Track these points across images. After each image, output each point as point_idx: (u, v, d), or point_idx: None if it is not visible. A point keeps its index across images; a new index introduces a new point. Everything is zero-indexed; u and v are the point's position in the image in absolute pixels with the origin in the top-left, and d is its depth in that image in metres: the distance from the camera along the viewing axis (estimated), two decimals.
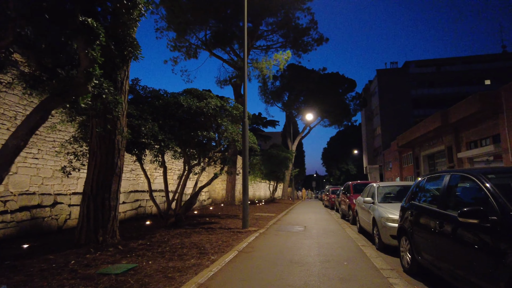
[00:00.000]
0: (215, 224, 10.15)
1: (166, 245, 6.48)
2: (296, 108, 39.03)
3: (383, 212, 6.30)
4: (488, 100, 18.26)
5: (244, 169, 9.24)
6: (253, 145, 11.97)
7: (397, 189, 7.60)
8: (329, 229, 9.60)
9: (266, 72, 15.38)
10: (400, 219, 4.98)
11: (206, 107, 8.20)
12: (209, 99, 8.61)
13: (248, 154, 9.31)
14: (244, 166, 9.25)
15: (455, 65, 48.67)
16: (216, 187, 24.03)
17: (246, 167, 9.23)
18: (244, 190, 9.20)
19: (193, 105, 8.11)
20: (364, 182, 13.53)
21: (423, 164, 30.76)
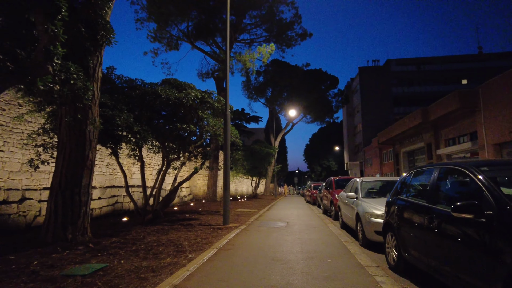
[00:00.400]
0: (194, 221, 9.81)
1: (141, 242, 6.11)
2: (279, 104, 38.92)
3: (367, 208, 6.16)
4: (466, 98, 18.63)
5: (226, 164, 8.94)
6: (235, 140, 11.66)
7: (380, 184, 7.50)
8: (311, 224, 9.45)
9: (249, 65, 15.04)
10: (386, 215, 4.82)
11: (185, 98, 7.82)
12: (189, 90, 8.22)
13: (229, 149, 9.01)
14: (226, 161, 8.94)
15: (434, 64, 49.82)
16: (197, 183, 23.61)
17: (228, 162, 8.93)
18: (225, 186, 8.91)
19: (172, 95, 7.71)
20: (346, 177, 13.50)
21: (403, 160, 31.30)
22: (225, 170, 8.91)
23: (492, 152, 17.16)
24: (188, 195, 22.49)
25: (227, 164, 8.91)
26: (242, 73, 18.07)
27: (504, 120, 16.20)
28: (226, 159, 8.93)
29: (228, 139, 8.90)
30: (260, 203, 20.98)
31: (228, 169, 8.89)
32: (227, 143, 8.89)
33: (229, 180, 8.90)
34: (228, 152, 8.90)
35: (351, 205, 7.27)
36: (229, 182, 8.96)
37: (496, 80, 17.13)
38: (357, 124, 52.70)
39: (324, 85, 37.62)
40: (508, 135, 15.86)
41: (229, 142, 8.99)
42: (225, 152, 8.91)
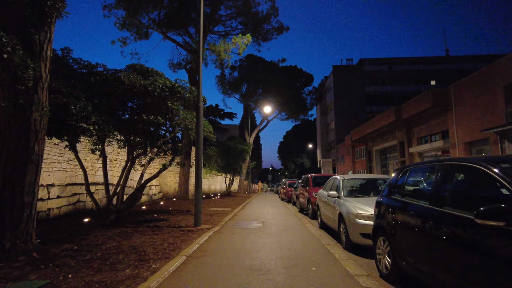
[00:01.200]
0: (163, 222, 9.00)
1: (99, 249, 5.29)
2: (254, 101, 38.34)
3: (352, 208, 5.68)
4: (439, 97, 18.91)
5: (198, 160, 8.21)
6: (208, 134, 10.92)
7: (363, 182, 7.07)
8: (288, 224, 8.94)
9: (224, 56, 14.28)
10: (376, 217, 4.34)
11: (152, 86, 6.99)
12: (157, 77, 7.40)
13: (202, 144, 8.28)
14: (198, 157, 8.21)
15: (405, 64, 51.14)
16: (168, 180, 22.58)
17: (200, 158, 8.21)
18: (197, 184, 8.18)
19: (137, 82, 6.87)
20: (324, 174, 13.11)
21: (375, 158, 31.75)
22: (197, 167, 8.18)
23: (463, 151, 17.49)
24: (158, 193, 21.44)
25: (199, 161, 8.19)
26: (216, 65, 17.27)
27: (474, 120, 16.52)
28: (198, 155, 8.20)
29: (200, 133, 8.17)
30: (234, 201, 20.33)
31: (201, 166, 8.17)
32: (200, 138, 8.16)
33: (201, 177, 8.19)
34: (201, 147, 8.18)
35: (332, 204, 6.79)
36: (202, 179, 8.24)
37: (466, 80, 17.45)
38: (330, 122, 53.22)
39: (299, 82, 37.47)
40: (478, 134, 16.17)
41: (202, 137, 8.26)
42: (197, 148, 8.18)
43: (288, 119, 40.93)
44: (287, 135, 76.10)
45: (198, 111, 8.21)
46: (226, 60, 15.42)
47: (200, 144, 8.17)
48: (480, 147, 16.57)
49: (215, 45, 13.84)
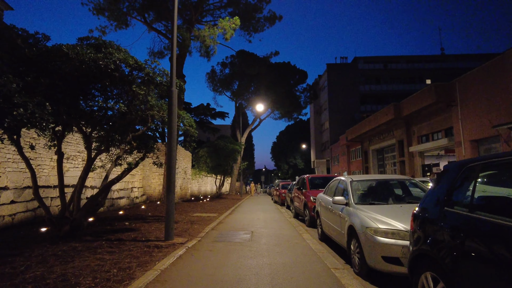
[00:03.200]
0: (130, 233, 7.41)
1: (11, 283, 3.70)
2: (246, 99, 36.84)
3: (368, 220, 4.18)
4: (443, 92, 17.60)
5: (170, 158, 6.64)
6: (189, 129, 9.35)
7: (376, 184, 5.57)
8: (282, 235, 7.41)
9: (210, 42, 12.72)
10: (416, 239, 2.83)
11: (104, 60, 5.41)
12: (113, 51, 5.81)
13: (175, 139, 6.71)
14: (170, 155, 6.64)
15: (400, 63, 50.15)
16: (152, 182, 20.92)
17: (173, 156, 6.64)
18: (168, 187, 6.61)
19: (86, 56, 5.28)
20: (323, 175, 11.61)
21: (372, 158, 30.45)
22: (169, 167, 6.61)
23: (469, 149, 16.18)
24: (141, 196, 19.77)
25: (172, 160, 6.62)
26: (201, 53, 15.69)
27: (482, 116, 15.22)
28: (170, 153, 6.63)
29: (173, 124, 6.61)
30: (223, 204, 18.75)
31: (173, 166, 6.61)
32: (172, 131, 6.60)
33: (174, 179, 6.62)
34: (174, 142, 6.61)
35: (338, 213, 5.28)
36: (174, 182, 6.67)
37: (473, 73, 16.16)
38: (324, 122, 51.97)
39: (293, 79, 36.07)
40: (487, 131, 14.87)
41: (175, 128, 6.69)
42: (168, 143, 6.61)
43: (281, 118, 39.51)
44: (281, 135, 74.73)
45: (171, 97, 6.65)
46: (212, 47, 13.85)
47: (173, 139, 6.60)
48: (489, 145, 15.27)
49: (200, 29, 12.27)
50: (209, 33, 12.20)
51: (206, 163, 26.92)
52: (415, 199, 5.03)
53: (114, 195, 15.71)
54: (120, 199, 16.21)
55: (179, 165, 22.86)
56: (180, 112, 9.34)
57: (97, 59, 5.33)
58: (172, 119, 6.62)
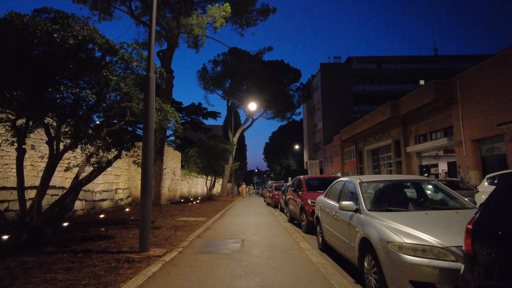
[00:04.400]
0: (102, 242, 6.39)
1: None
2: (239, 97, 35.87)
3: (389, 232, 3.28)
4: (442, 89, 16.93)
5: (146, 155, 5.65)
6: (174, 124, 8.39)
7: (393, 187, 4.68)
8: (277, 245, 6.49)
9: (198, 32, 11.74)
10: (482, 270, 1.93)
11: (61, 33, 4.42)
12: (72, 22, 4.81)
13: (152, 133, 5.73)
14: (146, 149, 5.65)
15: (393, 63, 49.80)
16: (138, 183, 19.79)
17: (149, 152, 5.66)
18: (143, 188, 5.62)
19: (37, 27, 4.28)
20: (321, 176, 10.71)
21: (366, 159, 29.77)
22: (144, 165, 5.63)
23: (471, 149, 15.50)
24: (126, 198, 18.67)
25: (148, 155, 5.64)
26: (189, 43, 14.66)
27: (484, 114, 14.55)
28: (145, 148, 5.65)
29: (149, 115, 5.63)
30: (213, 206, 17.76)
31: (149, 164, 5.63)
32: (149, 124, 5.62)
33: (150, 180, 5.64)
34: (149, 136, 5.63)
35: (346, 221, 4.38)
36: (151, 183, 5.68)
37: (474, 70, 15.50)
38: (317, 122, 51.32)
39: (286, 78, 35.24)
40: (490, 130, 14.19)
41: (152, 119, 5.71)
42: (144, 137, 5.63)
43: (274, 118, 38.67)
44: (273, 136, 73.92)
45: (148, 84, 5.66)
46: (200, 37, 12.87)
47: (149, 132, 5.62)
48: (492, 145, 14.60)
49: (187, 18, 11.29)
50: (197, 21, 11.23)
51: (196, 164, 25.87)
52: (441, 205, 4.16)
53: (95, 197, 14.62)
54: (102, 201, 15.12)
55: (167, 165, 21.80)
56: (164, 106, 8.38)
57: (53, 31, 4.33)
58: (148, 110, 5.64)
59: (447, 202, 4.26)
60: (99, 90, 5.79)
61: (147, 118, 5.62)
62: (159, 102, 8.31)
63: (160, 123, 8.36)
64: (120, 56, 5.93)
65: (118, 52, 5.83)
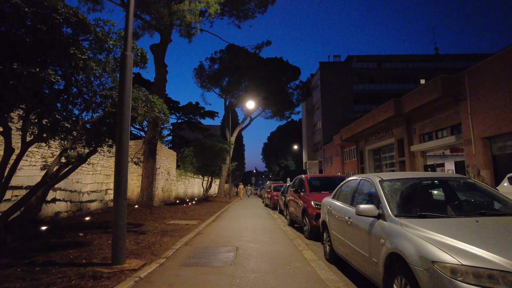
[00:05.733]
0: (74, 250, 5.46)
1: None
2: (236, 96, 34.96)
3: (433, 247, 2.37)
4: (450, 85, 16.08)
5: (120, 145, 4.72)
6: (158, 115, 7.47)
7: (423, 187, 3.76)
8: (277, 254, 5.59)
9: (190, 19, 10.80)
10: None
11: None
12: None
13: (128, 123, 4.80)
14: (120, 141, 4.72)
15: (394, 62, 49.04)
16: (130, 184, 18.89)
17: (124, 147, 4.73)
18: (117, 188, 4.70)
19: None
20: (326, 175, 9.79)
21: (368, 159, 28.90)
22: (118, 161, 4.70)
23: (481, 147, 14.64)
24: None
25: (123, 152, 4.71)
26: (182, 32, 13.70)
27: (496, 110, 13.69)
28: (120, 139, 4.71)
29: (125, 100, 4.70)
30: (208, 208, 16.86)
31: (124, 161, 4.70)
32: (124, 111, 4.70)
33: (125, 178, 4.72)
34: (125, 125, 4.70)
35: (365, 228, 3.47)
36: (126, 182, 4.76)
37: (484, 64, 14.65)
38: (317, 122, 50.48)
39: (285, 76, 34.34)
40: (502, 127, 13.33)
41: (129, 107, 4.78)
42: (119, 125, 4.70)
43: (273, 117, 37.78)
44: (272, 136, 73.06)
45: (124, 65, 4.74)
46: (194, 25, 11.95)
47: (125, 120, 4.70)
48: (505, 143, 13.74)
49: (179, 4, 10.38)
50: (190, 7, 10.33)
51: (192, 163, 24.94)
52: (489, 209, 3.27)
53: (83, 198, 13.69)
54: (90, 203, 14.18)
55: (161, 165, 20.87)
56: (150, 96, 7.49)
57: None
58: (124, 94, 4.72)
59: (494, 205, 3.37)
60: (69, 73, 4.87)
61: (122, 103, 4.70)
62: (146, 92, 7.43)
63: (145, 115, 7.46)
64: (93, 33, 5.02)
65: (90, 28, 4.92)
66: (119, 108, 4.75)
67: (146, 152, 16.63)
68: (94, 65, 4.86)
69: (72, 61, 4.75)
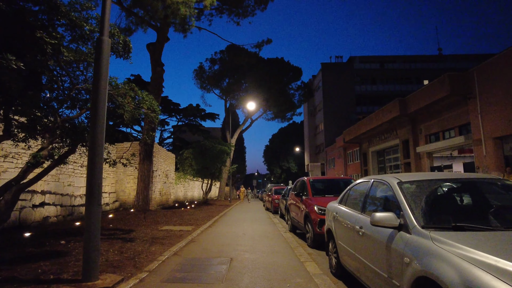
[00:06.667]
0: (43, 263, 4.83)
1: None
2: (237, 97, 34.40)
3: (486, 277, 1.71)
4: (458, 82, 15.39)
5: (94, 144, 4.07)
6: (148, 113, 6.85)
7: (453, 190, 3.10)
8: (275, 266, 4.93)
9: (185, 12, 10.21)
10: None
11: None
12: None
13: (104, 110, 4.15)
14: (94, 139, 4.07)
15: (397, 63, 48.37)
16: (126, 187, 18.32)
17: (98, 142, 4.09)
18: (89, 193, 4.05)
19: None
20: (330, 178, 9.11)
21: (371, 161, 28.17)
22: (92, 162, 4.06)
23: (492, 147, 13.93)
24: (112, 202, 17.17)
25: (96, 147, 4.06)
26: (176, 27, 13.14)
27: (508, 108, 13.01)
28: (93, 137, 4.07)
29: (100, 89, 4.06)
30: (207, 212, 16.21)
31: (99, 162, 4.06)
32: (98, 97, 4.06)
33: (98, 182, 4.07)
34: (99, 118, 4.06)
35: (383, 243, 2.81)
36: (100, 185, 4.11)
37: (496, 59, 13.95)
38: (319, 124, 49.78)
39: (286, 76, 33.73)
40: None
41: (105, 102, 4.13)
42: (92, 121, 4.06)
43: (274, 118, 37.21)
44: (273, 138, 72.40)
45: (100, 48, 4.11)
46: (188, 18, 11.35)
47: (99, 112, 4.06)
48: None
49: None
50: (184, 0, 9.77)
51: (191, 166, 24.32)
52: None
53: (75, 201, 13.11)
54: (83, 207, 13.58)
55: (159, 168, 20.26)
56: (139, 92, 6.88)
57: None
58: (99, 85, 4.08)
59: None
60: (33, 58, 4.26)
61: (97, 94, 4.06)
62: (133, 87, 6.81)
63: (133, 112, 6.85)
64: (66, 16, 4.41)
65: (61, 9, 4.30)
66: (92, 100, 4.12)
67: (141, 153, 16.03)
68: (65, 52, 4.24)
69: (40, 46, 4.14)
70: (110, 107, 6.76)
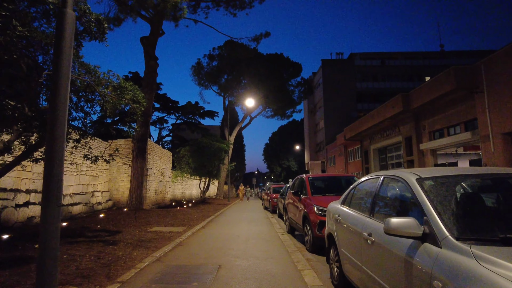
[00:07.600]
0: (6, 272, 4.21)
1: None
2: (236, 94, 33.73)
3: None
4: (464, 76, 14.74)
5: (52, 136, 3.43)
6: (131, 104, 6.21)
7: (488, 188, 2.47)
8: (269, 276, 4.31)
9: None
10: None
11: None
12: None
13: (67, 96, 3.51)
14: (52, 129, 3.43)
15: (398, 59, 47.67)
16: (120, 185, 17.70)
17: (58, 133, 3.44)
18: (46, 192, 3.41)
19: None
20: (331, 175, 8.44)
21: (373, 158, 27.54)
22: (50, 159, 3.41)
23: (501, 144, 13.29)
24: (105, 201, 16.55)
25: (55, 136, 3.42)
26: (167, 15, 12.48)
27: None
28: (52, 130, 3.43)
29: (61, 69, 3.42)
30: (203, 211, 15.61)
31: (57, 152, 3.42)
32: (59, 81, 3.42)
33: (59, 177, 3.44)
34: (60, 105, 3.43)
35: (402, 257, 2.19)
36: (61, 185, 3.48)
37: (506, 51, 13.30)
38: (319, 121, 49.13)
39: (286, 73, 33.05)
40: None
41: (66, 79, 3.49)
42: (51, 110, 3.43)
43: (274, 116, 36.52)
44: (273, 137, 71.75)
45: (62, 23, 3.47)
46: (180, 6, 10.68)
47: (60, 103, 3.42)
48: None
49: None
50: None
51: (188, 164, 23.71)
52: None
53: (65, 200, 12.50)
54: (73, 206, 13.00)
55: (154, 165, 19.64)
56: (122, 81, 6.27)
57: None
58: (60, 66, 3.44)
59: None
60: None
61: (58, 74, 3.43)
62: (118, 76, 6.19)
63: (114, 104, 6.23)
64: None
65: None
66: (52, 85, 3.48)
67: (134, 151, 15.42)
68: (18, 25, 3.59)
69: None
70: (90, 98, 6.15)
